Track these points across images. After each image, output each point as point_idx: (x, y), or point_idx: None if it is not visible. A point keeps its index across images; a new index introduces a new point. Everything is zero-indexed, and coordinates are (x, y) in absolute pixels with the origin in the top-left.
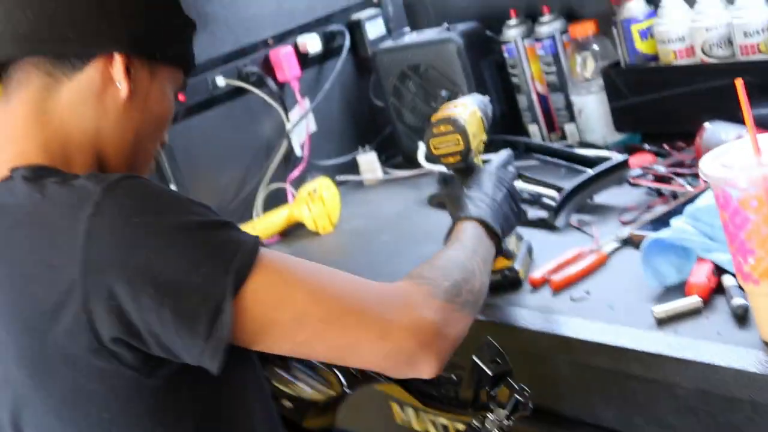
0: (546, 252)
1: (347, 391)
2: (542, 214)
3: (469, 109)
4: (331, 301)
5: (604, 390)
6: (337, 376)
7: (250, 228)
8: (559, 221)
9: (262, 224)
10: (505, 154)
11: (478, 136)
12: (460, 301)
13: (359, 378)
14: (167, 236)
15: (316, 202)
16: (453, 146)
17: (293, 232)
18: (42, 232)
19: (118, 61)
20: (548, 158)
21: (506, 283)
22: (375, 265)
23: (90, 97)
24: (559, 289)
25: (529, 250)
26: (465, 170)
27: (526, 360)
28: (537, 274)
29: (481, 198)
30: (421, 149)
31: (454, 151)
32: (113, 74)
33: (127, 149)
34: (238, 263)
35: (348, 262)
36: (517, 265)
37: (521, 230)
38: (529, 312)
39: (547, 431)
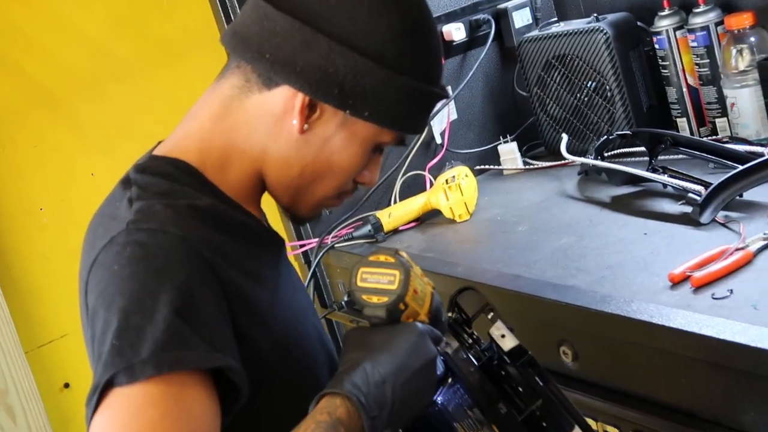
0: (688, 248)
1: None
2: (687, 209)
3: (420, 271)
4: None
5: (744, 393)
6: None
7: (386, 214)
8: (704, 217)
9: (398, 210)
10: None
11: (416, 302)
12: None
13: None
14: (119, 296)
15: (453, 190)
16: (385, 284)
17: (429, 218)
18: (92, 229)
19: (299, 98)
20: (696, 153)
21: None
22: (510, 255)
23: (268, 117)
24: (700, 286)
25: None
26: (380, 323)
27: (663, 359)
28: (678, 270)
29: (376, 365)
30: (564, 140)
31: (383, 289)
32: (293, 107)
33: (289, 181)
34: (138, 360)
35: (482, 251)
36: None
37: None
38: (668, 309)
39: (680, 431)
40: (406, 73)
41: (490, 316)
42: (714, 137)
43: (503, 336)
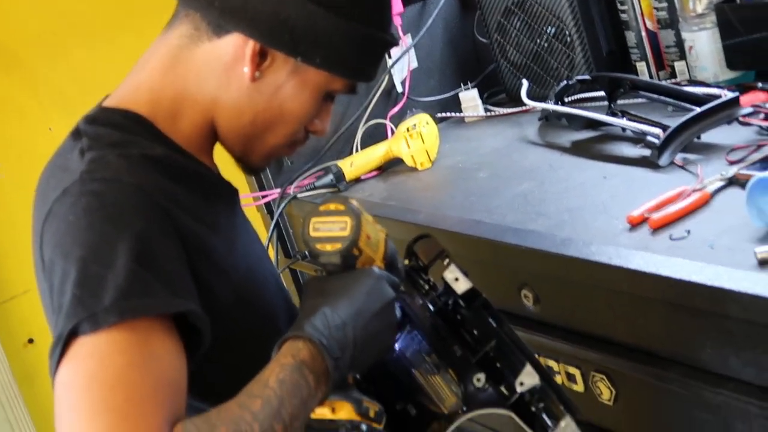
0: (647, 191)
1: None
2: (645, 152)
3: (372, 218)
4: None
5: (701, 331)
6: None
7: (348, 163)
8: (663, 159)
9: (360, 159)
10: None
11: (370, 247)
12: None
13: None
14: (77, 246)
15: (415, 138)
16: (337, 231)
17: (391, 167)
18: (43, 181)
19: (250, 46)
20: (655, 96)
21: None
22: (471, 202)
23: (219, 66)
24: (658, 227)
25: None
26: (336, 270)
27: (622, 300)
28: (636, 212)
29: (335, 309)
30: (525, 86)
31: (336, 236)
32: (244, 55)
33: (241, 130)
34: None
35: (444, 198)
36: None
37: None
38: (626, 251)
39: (642, 371)
40: (356, 20)
41: (445, 262)
42: (673, 80)
43: (456, 279)
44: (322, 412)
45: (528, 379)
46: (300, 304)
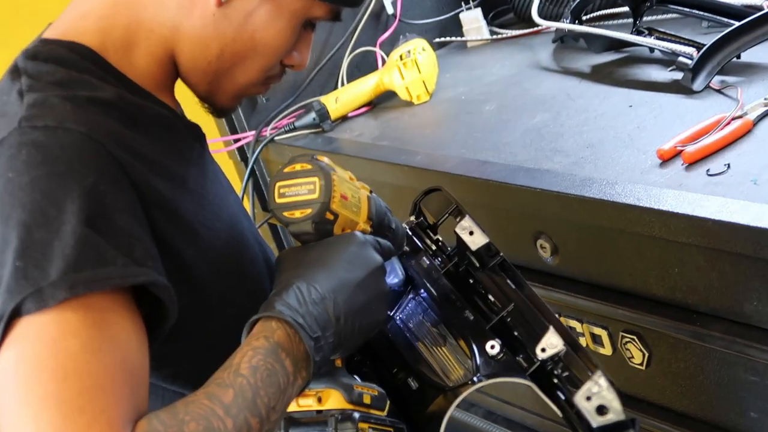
0: (679, 120)
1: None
2: (677, 75)
3: (348, 175)
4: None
5: (746, 280)
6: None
7: (332, 99)
8: (697, 83)
9: (347, 94)
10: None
11: (348, 209)
12: None
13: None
14: (18, 208)
15: (409, 67)
16: (305, 195)
17: (383, 102)
18: None
19: None
20: (687, 10)
21: None
22: (476, 139)
23: None
24: (693, 162)
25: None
26: (311, 239)
27: (653, 247)
28: (667, 145)
29: (312, 282)
30: (536, 3)
31: (304, 201)
32: None
33: (206, 65)
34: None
35: (444, 136)
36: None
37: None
38: (657, 190)
39: (678, 329)
40: None
41: (457, 218)
42: None
43: (471, 233)
44: (307, 404)
45: (550, 344)
46: (273, 282)
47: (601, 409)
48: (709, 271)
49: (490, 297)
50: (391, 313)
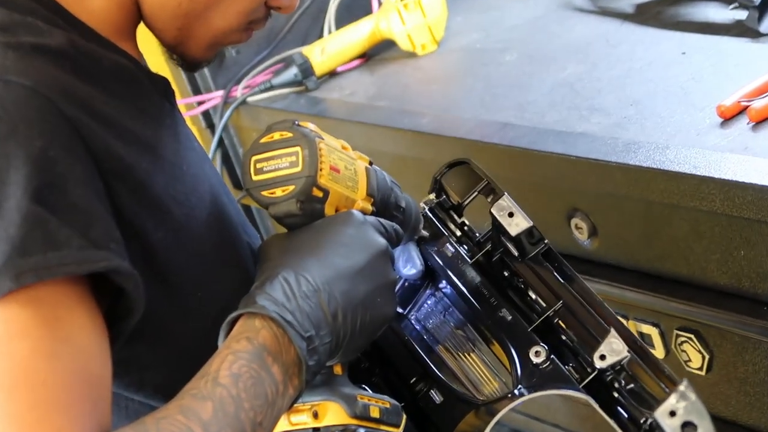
0: (743, 69)
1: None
2: (740, 15)
3: (340, 144)
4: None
5: None
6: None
7: (317, 50)
8: (765, 24)
9: (335, 44)
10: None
11: (341, 183)
12: None
13: None
14: None
15: (411, 9)
16: (287, 168)
17: (380, 53)
18: None
19: None
20: None
21: None
22: (494, 97)
23: None
24: (761, 120)
25: None
26: (297, 222)
27: (714, 225)
28: (729, 100)
29: (302, 272)
30: None
31: (286, 176)
32: None
33: (176, 6)
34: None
35: (456, 93)
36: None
37: None
38: (718, 155)
39: (745, 326)
40: None
41: (489, 198)
42: None
43: (511, 215)
44: (301, 420)
45: (612, 351)
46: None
47: (687, 426)
48: None
49: (532, 293)
50: (406, 311)
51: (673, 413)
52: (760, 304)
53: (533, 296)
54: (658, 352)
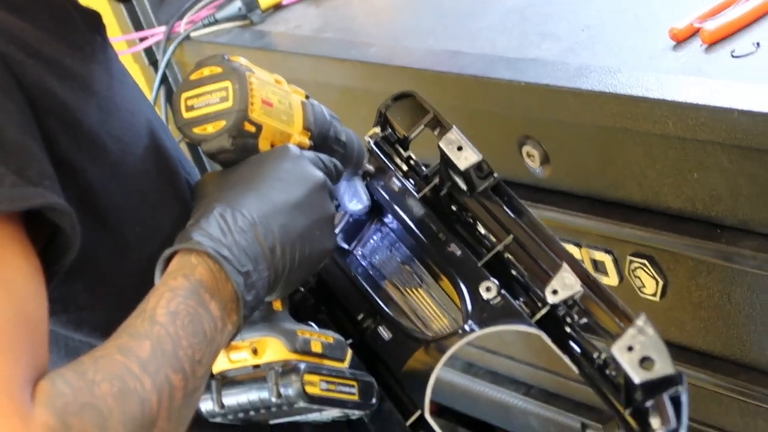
0: None
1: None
2: None
3: (273, 78)
4: None
5: None
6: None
7: None
8: None
9: None
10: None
11: (275, 117)
12: None
13: None
14: None
15: None
16: (217, 104)
17: None
18: None
19: None
20: None
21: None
22: (444, 25)
23: None
24: (714, 42)
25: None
26: (231, 158)
27: (667, 148)
28: (682, 22)
29: (237, 207)
30: None
31: (217, 111)
32: None
33: None
34: None
35: (404, 22)
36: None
37: None
38: (671, 77)
39: (699, 250)
40: None
41: (436, 131)
42: None
43: (460, 149)
44: (241, 358)
45: (565, 285)
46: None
47: (645, 361)
48: (737, 175)
49: (481, 228)
50: (351, 247)
51: (630, 348)
52: (713, 227)
53: (483, 231)
54: (612, 279)
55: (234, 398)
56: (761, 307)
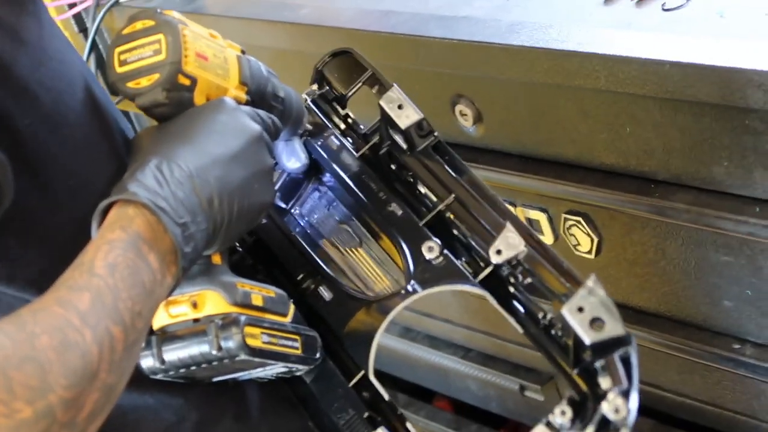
0: None
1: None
2: None
3: (208, 33)
4: None
5: (713, 137)
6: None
7: None
8: None
9: None
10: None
11: (210, 71)
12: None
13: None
14: None
15: None
16: (150, 57)
17: None
18: None
19: None
20: None
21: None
22: None
23: None
24: None
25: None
26: (166, 112)
27: (599, 103)
28: None
29: (173, 159)
30: None
31: (150, 65)
32: None
33: None
34: None
35: None
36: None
37: None
38: (602, 31)
39: (633, 204)
40: None
41: (375, 89)
42: None
43: (400, 107)
44: (180, 312)
45: (508, 245)
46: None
47: (595, 322)
48: (669, 128)
49: (422, 188)
50: (289, 206)
51: (581, 309)
52: (647, 182)
53: (423, 190)
54: (547, 237)
55: (174, 353)
56: (695, 262)
